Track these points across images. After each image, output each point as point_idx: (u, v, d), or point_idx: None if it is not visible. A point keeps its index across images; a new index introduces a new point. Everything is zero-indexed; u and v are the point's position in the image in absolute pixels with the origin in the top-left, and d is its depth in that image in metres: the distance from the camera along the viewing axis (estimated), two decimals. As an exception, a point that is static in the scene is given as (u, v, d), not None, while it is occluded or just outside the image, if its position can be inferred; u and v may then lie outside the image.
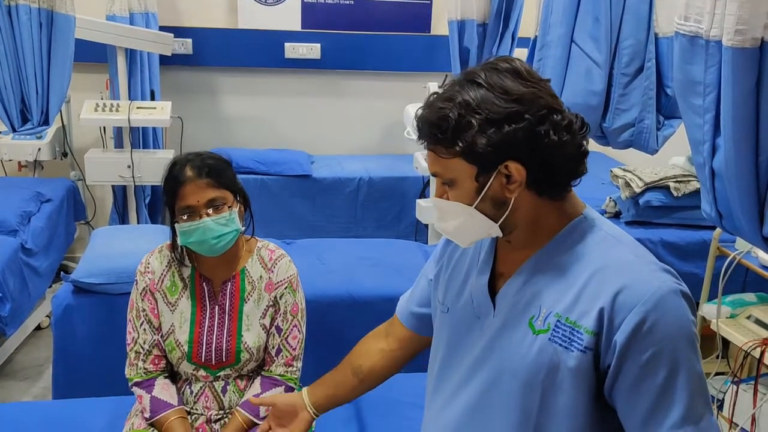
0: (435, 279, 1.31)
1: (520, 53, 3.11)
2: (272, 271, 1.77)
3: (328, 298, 2.42)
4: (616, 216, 3.00)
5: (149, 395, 1.72)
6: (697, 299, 2.58)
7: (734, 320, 2.42)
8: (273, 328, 1.76)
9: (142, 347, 1.75)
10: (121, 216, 3.64)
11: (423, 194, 3.60)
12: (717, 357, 2.67)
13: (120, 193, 3.63)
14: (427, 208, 3.30)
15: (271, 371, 1.77)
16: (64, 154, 3.71)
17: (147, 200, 3.70)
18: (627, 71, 2.01)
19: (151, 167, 3.34)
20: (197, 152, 1.71)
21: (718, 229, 2.50)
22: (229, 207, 1.66)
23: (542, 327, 1.06)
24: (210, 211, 1.63)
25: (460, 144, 1.02)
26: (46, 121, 2.47)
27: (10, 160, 3.63)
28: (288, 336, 1.76)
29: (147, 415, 1.71)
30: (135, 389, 1.75)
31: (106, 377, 2.32)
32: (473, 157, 1.03)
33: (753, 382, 2.31)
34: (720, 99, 1.03)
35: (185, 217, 1.64)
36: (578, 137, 1.05)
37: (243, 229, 1.72)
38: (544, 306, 1.06)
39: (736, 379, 2.38)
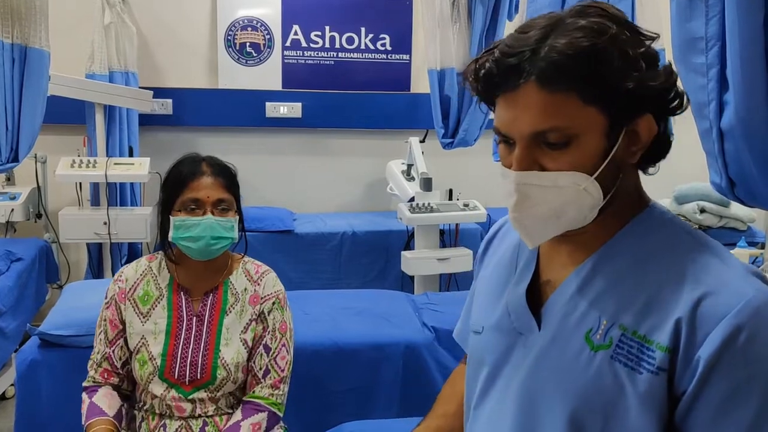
0: (470, 296, 1.13)
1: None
2: (258, 284, 1.69)
3: (313, 346, 2.30)
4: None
5: (89, 400, 1.61)
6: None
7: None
8: (261, 347, 1.65)
9: (96, 358, 1.67)
10: (95, 276, 3.51)
11: (408, 246, 3.53)
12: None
13: (95, 252, 3.51)
14: (413, 260, 3.23)
15: (254, 393, 1.64)
16: (38, 216, 3.61)
17: (124, 259, 3.59)
18: None
19: (128, 224, 3.25)
20: (207, 155, 1.68)
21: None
22: (234, 213, 1.63)
23: (602, 342, 0.84)
24: (216, 210, 1.59)
25: (611, 84, 0.79)
26: (15, 159, 2.39)
27: (-20, 222, 3.52)
28: (277, 356, 1.65)
29: (83, 421, 1.59)
30: (83, 395, 1.65)
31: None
32: (615, 104, 0.81)
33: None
34: (724, 51, 1.00)
35: (187, 210, 1.59)
36: None
37: (237, 241, 1.66)
38: (604, 316, 0.85)
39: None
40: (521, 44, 0.82)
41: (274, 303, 1.67)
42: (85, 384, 1.68)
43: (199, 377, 1.60)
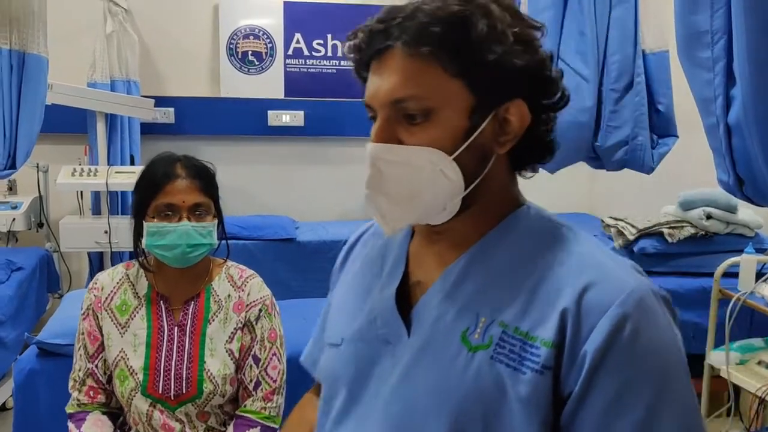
0: (324, 314, 1.04)
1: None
2: (242, 290, 1.59)
3: (313, 355, 2.27)
4: (610, 267, 2.91)
5: (77, 431, 1.52)
6: (703, 348, 2.46)
7: (745, 366, 2.30)
8: (250, 358, 1.56)
9: (78, 375, 1.56)
10: (96, 286, 3.48)
11: (411, 255, 3.49)
12: (728, 412, 2.51)
13: (96, 261, 3.50)
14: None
15: (246, 408, 1.56)
16: (40, 225, 3.60)
17: (124, 269, 3.57)
18: (616, 87, 1.98)
19: (129, 233, 3.21)
20: (183, 154, 1.57)
21: (719, 270, 2.42)
22: (212, 217, 1.54)
23: (481, 342, 0.76)
24: (192, 216, 1.49)
25: (472, 54, 0.75)
26: (12, 166, 2.38)
27: (-18, 232, 3.51)
28: (267, 366, 1.56)
29: None
30: (69, 423, 1.55)
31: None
32: (478, 80, 0.76)
33: (771, 433, 2.16)
34: (731, 45, 0.97)
35: (162, 216, 1.48)
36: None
37: (216, 246, 1.57)
38: (483, 314, 0.78)
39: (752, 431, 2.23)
40: (395, 11, 0.79)
41: (261, 310, 1.57)
42: (69, 410, 1.57)
43: (184, 391, 1.51)
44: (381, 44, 0.78)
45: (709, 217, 2.74)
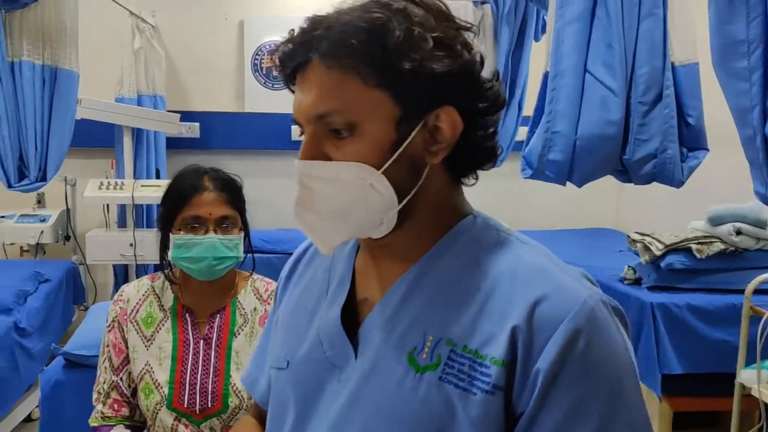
0: (267, 332, 1.01)
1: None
2: (269, 303, 1.58)
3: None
4: (636, 283, 2.86)
5: None
6: (734, 366, 2.41)
7: (777, 385, 2.24)
8: None
9: (102, 388, 1.55)
10: (121, 298, 3.52)
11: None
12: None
13: (121, 274, 3.54)
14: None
15: None
16: (67, 238, 3.65)
17: (149, 282, 3.60)
18: (644, 100, 1.96)
19: (154, 246, 3.23)
20: (210, 167, 1.56)
21: (750, 286, 2.37)
22: (239, 230, 1.53)
23: (429, 362, 0.73)
24: (219, 228, 1.49)
25: (402, 66, 0.71)
26: (43, 178, 2.43)
27: (12, 244, 3.58)
28: None
29: None
30: None
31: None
32: (407, 91, 0.72)
33: (806, 454, 2.10)
34: (767, 54, 0.95)
35: (188, 228, 1.48)
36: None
37: (242, 259, 1.56)
38: (430, 332, 0.74)
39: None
40: (317, 22, 0.75)
41: None
42: (92, 423, 1.56)
43: (209, 405, 1.49)
44: (302, 57, 0.75)
45: (738, 232, 2.68)
